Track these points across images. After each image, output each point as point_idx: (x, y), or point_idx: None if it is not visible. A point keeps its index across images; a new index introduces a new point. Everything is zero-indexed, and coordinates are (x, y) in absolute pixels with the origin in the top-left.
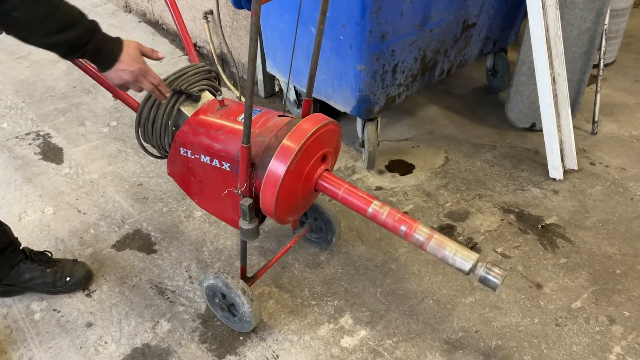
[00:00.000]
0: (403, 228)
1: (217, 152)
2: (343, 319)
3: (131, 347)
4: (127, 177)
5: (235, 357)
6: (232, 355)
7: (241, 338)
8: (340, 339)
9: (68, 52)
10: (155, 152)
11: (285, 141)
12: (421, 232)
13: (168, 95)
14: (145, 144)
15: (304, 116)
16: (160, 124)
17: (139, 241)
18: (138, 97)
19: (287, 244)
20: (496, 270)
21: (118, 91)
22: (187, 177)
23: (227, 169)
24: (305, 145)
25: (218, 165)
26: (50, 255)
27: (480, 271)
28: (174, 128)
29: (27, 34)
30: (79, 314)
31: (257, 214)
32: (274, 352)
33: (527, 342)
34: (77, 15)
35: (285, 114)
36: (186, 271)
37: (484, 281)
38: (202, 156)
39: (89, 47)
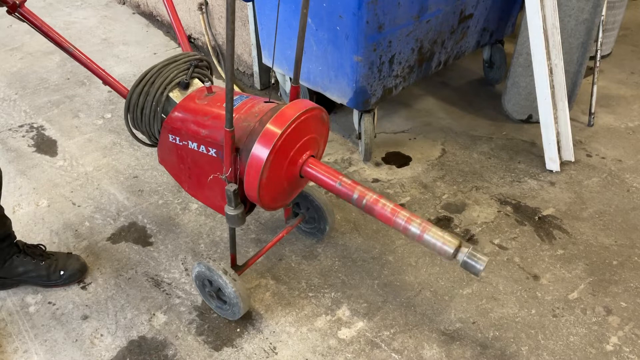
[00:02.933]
0: (385, 213)
1: (204, 138)
2: (340, 310)
3: (127, 339)
4: (122, 170)
5: (232, 349)
6: (229, 347)
7: (238, 330)
8: (338, 330)
9: None
10: (145, 139)
11: (269, 125)
12: (403, 217)
13: None
14: (135, 131)
15: (290, 102)
16: (149, 110)
17: (134, 234)
18: (127, 83)
19: (279, 234)
20: (479, 255)
21: (107, 78)
22: (177, 165)
23: (214, 154)
24: (289, 130)
25: (205, 152)
26: (43, 248)
27: (463, 257)
28: (163, 115)
29: None
30: (74, 307)
31: (244, 201)
32: (271, 344)
33: (524, 333)
34: None
35: (272, 100)
36: (182, 263)
37: (465, 266)
38: (190, 142)
39: None
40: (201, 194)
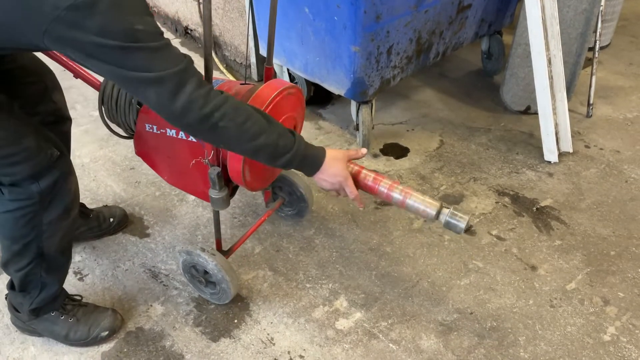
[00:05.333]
0: (368, 182)
1: None
2: (338, 301)
3: (124, 330)
4: (119, 161)
5: (229, 340)
6: (226, 338)
7: (235, 321)
8: (335, 321)
9: (273, 154)
10: (121, 132)
11: None
12: (386, 184)
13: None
14: (110, 124)
15: (265, 83)
16: (124, 101)
17: (131, 225)
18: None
19: (261, 217)
20: (460, 214)
21: (78, 70)
22: (155, 154)
23: (193, 139)
24: (267, 110)
25: (184, 137)
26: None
27: (445, 216)
28: (138, 106)
29: (235, 140)
30: None
31: (227, 183)
32: (268, 334)
33: (522, 324)
34: (271, 120)
35: (248, 82)
36: (178, 254)
37: (448, 225)
38: (168, 130)
39: (295, 152)
40: (182, 182)
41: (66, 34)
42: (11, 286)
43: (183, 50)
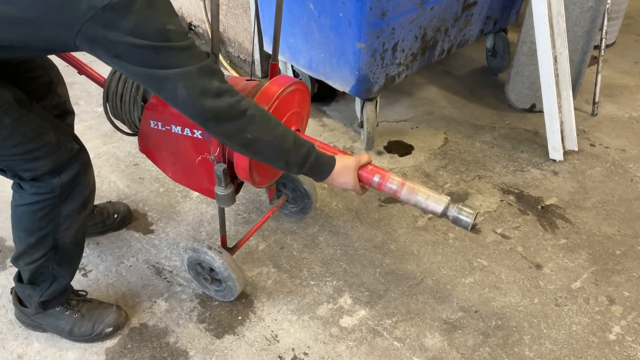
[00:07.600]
0: (376, 179)
1: (188, 120)
2: (342, 298)
3: (128, 327)
4: (123, 157)
5: (233, 336)
6: (230, 335)
7: (240, 318)
8: (340, 318)
9: (295, 142)
10: (125, 128)
11: None
12: (394, 181)
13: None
14: (115, 121)
15: (270, 79)
16: (128, 97)
17: (135, 221)
18: (104, 72)
19: (266, 214)
20: (467, 209)
21: (83, 67)
22: (160, 151)
23: (199, 136)
24: (274, 106)
25: (190, 134)
26: None
27: (453, 212)
28: (142, 102)
29: (261, 127)
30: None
31: (232, 180)
32: (272, 331)
33: (527, 322)
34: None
35: (253, 78)
36: (184, 251)
37: (456, 221)
38: (173, 126)
39: (311, 146)
40: (187, 179)
41: (100, 34)
42: (19, 279)
43: None
